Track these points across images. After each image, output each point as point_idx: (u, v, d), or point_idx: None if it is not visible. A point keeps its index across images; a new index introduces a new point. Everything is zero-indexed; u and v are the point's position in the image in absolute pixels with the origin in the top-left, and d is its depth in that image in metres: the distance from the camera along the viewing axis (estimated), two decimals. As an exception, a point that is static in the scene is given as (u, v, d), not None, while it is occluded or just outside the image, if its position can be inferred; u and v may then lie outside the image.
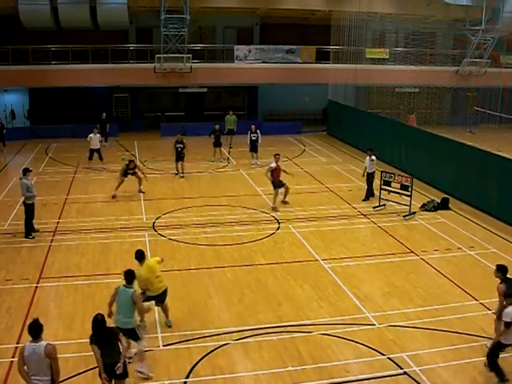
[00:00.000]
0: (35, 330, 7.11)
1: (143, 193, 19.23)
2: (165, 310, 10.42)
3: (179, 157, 21.48)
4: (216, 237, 15.21)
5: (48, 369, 7.07)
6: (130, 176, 18.99)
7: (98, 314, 7.77)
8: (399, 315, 10.99)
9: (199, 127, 28.19)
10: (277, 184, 17.71)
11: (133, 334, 8.85)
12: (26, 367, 7.11)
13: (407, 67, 30.99)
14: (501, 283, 9.43)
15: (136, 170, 19.05)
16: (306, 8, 30.90)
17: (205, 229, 15.81)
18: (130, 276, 8.98)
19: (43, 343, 7.07)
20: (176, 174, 21.79)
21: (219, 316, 10.91)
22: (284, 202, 18.07)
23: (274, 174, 17.69)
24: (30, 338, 7.15)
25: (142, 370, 8.87)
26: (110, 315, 8.92)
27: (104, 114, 27.09)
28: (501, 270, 9.59)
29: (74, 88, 29.85)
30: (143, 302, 9.54)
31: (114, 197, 18.68)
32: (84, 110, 30.14)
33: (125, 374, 7.82)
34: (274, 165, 17.70)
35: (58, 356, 7.22)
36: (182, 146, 21.37)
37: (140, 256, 10.06)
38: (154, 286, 9.99)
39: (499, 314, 9.10)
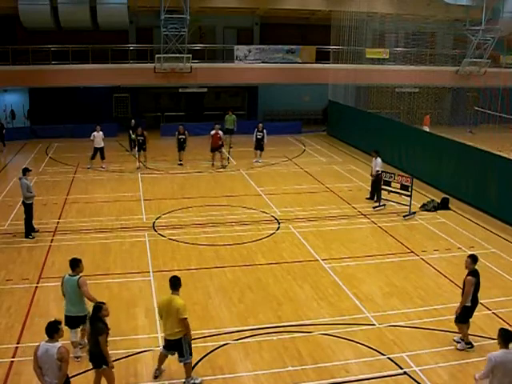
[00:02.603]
0: (50, 329, 7.09)
1: (146, 167, 22.47)
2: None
3: (181, 146, 23.27)
4: (216, 237, 15.21)
5: (58, 371, 7.03)
6: (142, 151, 22.54)
7: (99, 302, 8.15)
8: (399, 315, 10.99)
9: (199, 127, 28.19)
10: (212, 148, 22.91)
11: (83, 321, 9.12)
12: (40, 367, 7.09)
13: (407, 67, 30.98)
14: (469, 275, 9.54)
15: (144, 136, 22.47)
16: (305, 8, 30.90)
17: (205, 229, 15.81)
18: (73, 264, 9.19)
19: (57, 344, 7.04)
20: (179, 164, 23.39)
21: (219, 316, 10.91)
22: (222, 166, 22.92)
23: (212, 140, 22.68)
24: (46, 338, 7.14)
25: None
26: None
27: (133, 121, 24.89)
28: (475, 260, 9.68)
29: (74, 88, 29.84)
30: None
31: (138, 168, 22.41)
32: (84, 110, 30.13)
33: (98, 364, 8.09)
34: (212, 132, 22.68)
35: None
36: (183, 136, 23.10)
37: (175, 283, 8.78)
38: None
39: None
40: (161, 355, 8.91)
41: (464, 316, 9.64)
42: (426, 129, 26.61)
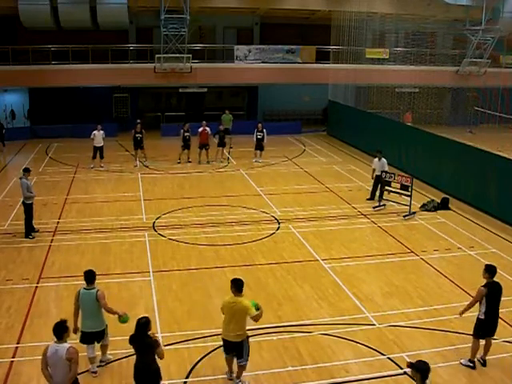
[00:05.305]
0: (59, 330, 7.05)
1: (147, 167, 22.73)
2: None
3: (187, 144, 23.30)
4: (216, 237, 15.21)
5: (67, 371, 7.00)
6: (139, 149, 22.92)
7: (143, 317, 7.74)
8: (399, 315, 11.00)
9: (199, 127, 28.13)
10: (199, 145, 23.22)
11: (102, 336, 8.87)
12: (48, 368, 7.06)
13: (407, 67, 31.02)
14: (484, 286, 9.08)
15: (143, 134, 22.76)
16: (305, 8, 30.88)
17: (205, 229, 15.81)
18: (90, 276, 8.73)
19: (66, 345, 7.01)
20: (178, 163, 23.47)
21: (219, 316, 10.82)
22: (208, 162, 23.51)
23: (200, 137, 23.07)
24: (55, 339, 7.11)
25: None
26: (75, 331, 8.55)
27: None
28: (490, 271, 9.23)
29: (74, 88, 29.84)
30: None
31: (136, 166, 22.83)
32: (84, 110, 30.12)
33: (155, 381, 7.72)
34: (200, 129, 23.08)
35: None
36: (189, 134, 23.19)
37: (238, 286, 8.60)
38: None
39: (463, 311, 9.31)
40: (227, 359, 8.81)
41: (476, 328, 9.21)
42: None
